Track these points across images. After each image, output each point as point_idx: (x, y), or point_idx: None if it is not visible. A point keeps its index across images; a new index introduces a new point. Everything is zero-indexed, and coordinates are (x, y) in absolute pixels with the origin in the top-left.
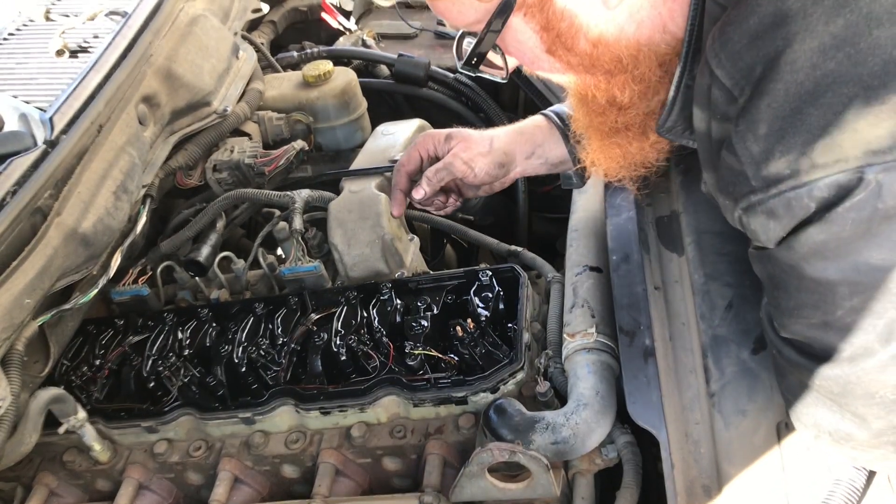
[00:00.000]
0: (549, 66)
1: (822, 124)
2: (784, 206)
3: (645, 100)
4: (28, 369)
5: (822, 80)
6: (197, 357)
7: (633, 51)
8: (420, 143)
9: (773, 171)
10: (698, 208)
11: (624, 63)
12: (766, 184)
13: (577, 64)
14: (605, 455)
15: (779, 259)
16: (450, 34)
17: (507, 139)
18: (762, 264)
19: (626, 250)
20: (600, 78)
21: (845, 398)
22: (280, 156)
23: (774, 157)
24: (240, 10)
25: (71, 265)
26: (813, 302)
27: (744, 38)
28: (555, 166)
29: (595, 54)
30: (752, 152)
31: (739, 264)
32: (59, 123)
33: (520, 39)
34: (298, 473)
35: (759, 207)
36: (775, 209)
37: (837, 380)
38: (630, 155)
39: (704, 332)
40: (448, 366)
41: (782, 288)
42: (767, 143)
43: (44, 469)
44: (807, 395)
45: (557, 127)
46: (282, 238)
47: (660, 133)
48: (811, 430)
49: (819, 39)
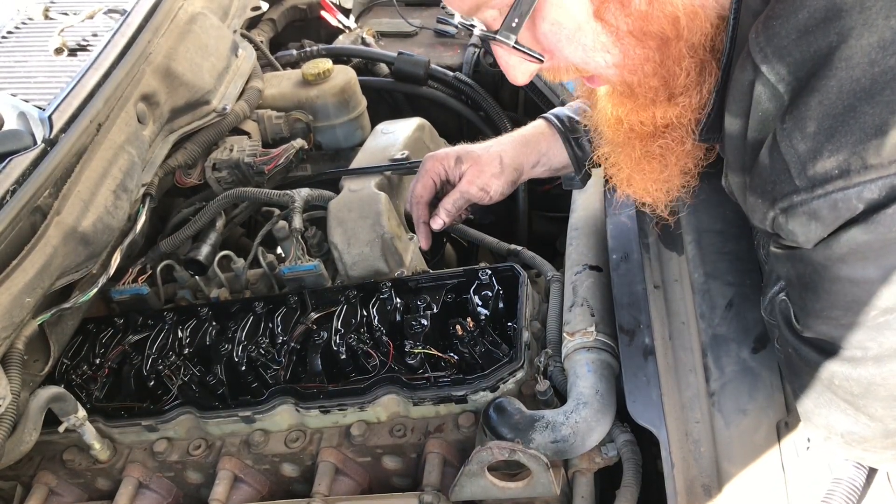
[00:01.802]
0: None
1: (878, 123)
2: (830, 207)
3: (698, 85)
4: (28, 368)
5: (880, 77)
6: (197, 356)
7: (690, 11)
8: (430, 170)
9: (821, 170)
10: (698, 207)
11: (681, 26)
12: (811, 184)
13: (627, 31)
14: (604, 454)
15: (812, 259)
16: (449, 33)
17: (514, 153)
18: (791, 264)
19: (626, 249)
20: (653, 50)
21: (865, 399)
22: (279, 154)
23: (823, 157)
24: (239, 8)
25: (71, 264)
26: (845, 302)
27: (793, 33)
28: (557, 171)
29: (650, 12)
30: (798, 151)
31: (740, 263)
32: (58, 122)
33: (563, 3)
34: (298, 472)
35: (801, 208)
36: (819, 210)
37: (860, 380)
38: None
39: (704, 331)
40: (448, 364)
41: (811, 288)
42: (816, 142)
43: (44, 468)
44: (822, 395)
45: (559, 132)
46: (281, 237)
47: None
48: (822, 431)
49: (879, 34)
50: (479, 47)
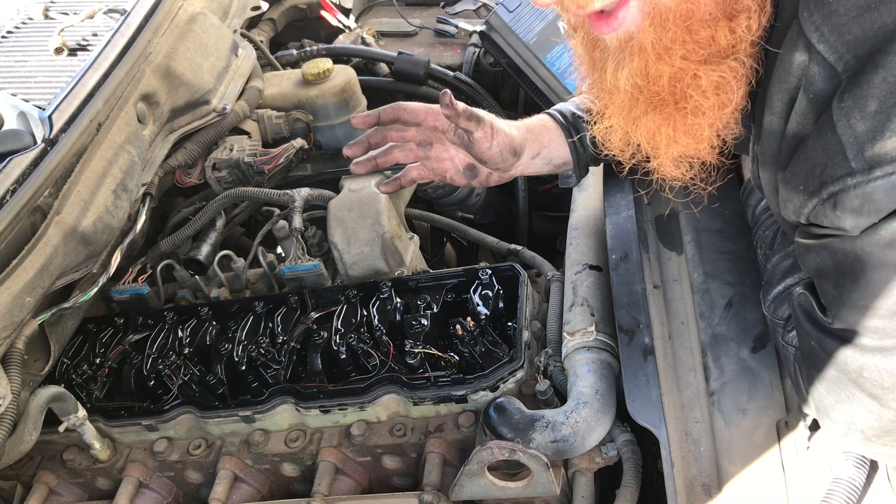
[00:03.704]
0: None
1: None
2: (887, 191)
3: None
4: (28, 368)
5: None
6: (197, 355)
7: None
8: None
9: (880, 151)
10: (698, 207)
11: None
12: (869, 165)
13: None
14: (604, 453)
15: (855, 247)
16: (449, 32)
17: (520, 133)
18: (827, 252)
19: (626, 249)
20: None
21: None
22: (279, 154)
23: (884, 137)
24: (239, 7)
25: (71, 264)
26: (886, 290)
27: (852, 10)
28: (556, 167)
29: None
30: (857, 131)
31: (739, 263)
32: (58, 122)
33: None
34: (298, 472)
35: (853, 191)
36: (874, 193)
37: (894, 371)
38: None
39: (704, 331)
40: (448, 364)
41: (850, 276)
42: (877, 121)
43: (44, 467)
44: (845, 389)
45: (562, 127)
46: (281, 236)
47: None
48: (841, 427)
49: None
50: (479, 47)
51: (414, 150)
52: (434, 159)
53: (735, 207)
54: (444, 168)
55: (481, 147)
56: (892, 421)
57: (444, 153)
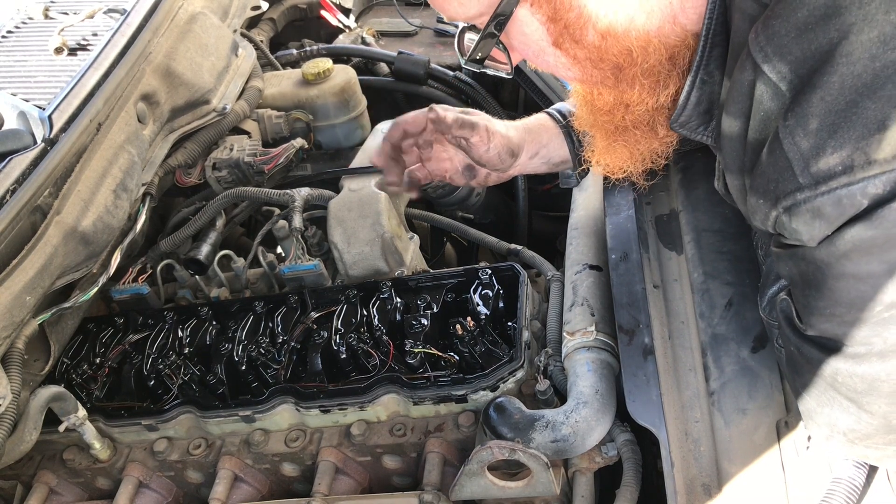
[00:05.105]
0: (554, 61)
1: (880, 118)
2: (833, 204)
3: (654, 94)
4: (28, 367)
5: (881, 72)
6: (197, 355)
7: (644, 42)
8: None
9: (824, 167)
10: (697, 207)
11: (634, 55)
12: (815, 181)
13: (584, 57)
14: (604, 453)
15: (815, 257)
16: (450, 32)
17: (518, 133)
18: (793, 262)
19: (626, 249)
20: (608, 72)
21: (869, 396)
22: (279, 154)
23: (826, 153)
24: (239, 7)
25: (71, 263)
26: (848, 299)
27: (792, 32)
28: (556, 166)
29: (604, 46)
30: (801, 148)
31: (739, 263)
32: (58, 121)
33: (525, 32)
34: (298, 471)
35: (804, 206)
36: (822, 207)
37: (864, 377)
38: (637, 153)
39: (704, 331)
40: (448, 364)
41: (814, 286)
42: (819, 139)
43: (44, 467)
44: (824, 393)
45: (561, 127)
46: (281, 236)
47: (673, 128)
48: (824, 430)
49: (879, 29)
50: None
51: (415, 152)
52: (434, 160)
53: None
54: (443, 168)
55: (478, 150)
56: (870, 424)
57: (443, 153)
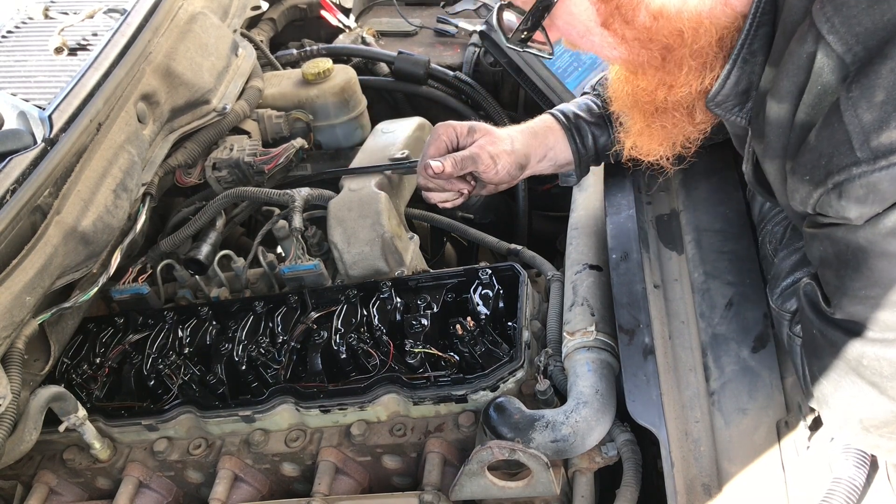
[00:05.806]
0: (600, 41)
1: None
2: (892, 180)
3: (699, 77)
4: (28, 367)
5: None
6: (197, 355)
7: (695, 23)
8: (442, 134)
9: (886, 141)
10: (698, 206)
11: (685, 37)
12: (874, 155)
13: (633, 38)
14: (604, 453)
15: (857, 236)
16: (449, 32)
17: (524, 140)
18: (830, 242)
19: (626, 248)
20: (656, 53)
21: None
22: (279, 154)
23: (889, 127)
24: (239, 7)
25: (71, 263)
26: (888, 279)
27: (863, 2)
28: (561, 167)
29: (655, 27)
30: (863, 121)
31: (739, 263)
32: (58, 121)
33: (573, 11)
34: (298, 471)
35: (858, 181)
36: (879, 183)
37: (893, 360)
38: (673, 136)
39: (704, 331)
40: (448, 364)
41: (853, 265)
42: (884, 112)
43: (44, 467)
44: (844, 377)
45: (565, 128)
46: (281, 236)
47: (708, 107)
48: (838, 416)
49: None
50: (479, 47)
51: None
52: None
53: (736, 207)
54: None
55: (488, 176)
56: (890, 411)
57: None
